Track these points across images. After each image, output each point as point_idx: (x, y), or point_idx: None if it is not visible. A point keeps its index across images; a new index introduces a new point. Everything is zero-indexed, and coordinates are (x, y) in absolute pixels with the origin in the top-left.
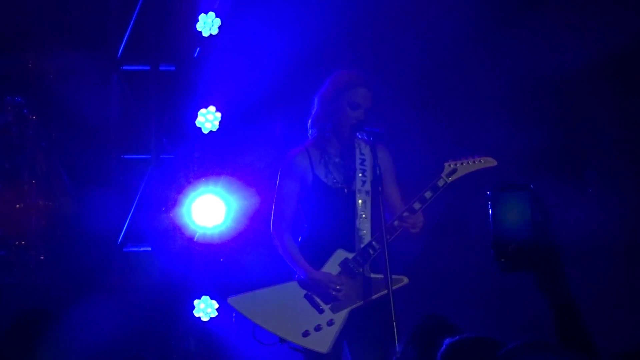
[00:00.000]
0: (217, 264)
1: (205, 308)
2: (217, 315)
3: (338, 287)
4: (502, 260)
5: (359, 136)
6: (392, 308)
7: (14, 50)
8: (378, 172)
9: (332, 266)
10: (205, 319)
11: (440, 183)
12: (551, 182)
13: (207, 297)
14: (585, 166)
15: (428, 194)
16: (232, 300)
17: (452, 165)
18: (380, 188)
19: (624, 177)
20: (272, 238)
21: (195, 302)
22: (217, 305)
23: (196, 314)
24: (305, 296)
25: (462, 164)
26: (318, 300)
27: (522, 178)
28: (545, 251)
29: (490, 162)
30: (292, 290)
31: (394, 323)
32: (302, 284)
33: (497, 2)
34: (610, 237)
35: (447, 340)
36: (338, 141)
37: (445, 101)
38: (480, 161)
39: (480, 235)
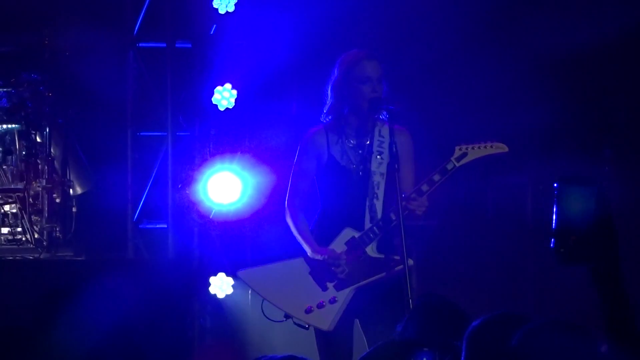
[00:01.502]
0: (233, 241)
1: (221, 285)
2: (232, 292)
3: (338, 263)
4: (562, 250)
5: (381, 117)
6: (408, 285)
7: (30, 27)
8: (395, 149)
9: (338, 244)
10: (221, 295)
11: (449, 166)
12: (568, 160)
13: (223, 274)
14: (602, 144)
15: (437, 177)
16: (241, 274)
17: (462, 149)
18: (397, 166)
19: None
20: (284, 213)
21: (211, 279)
22: (232, 282)
23: (212, 291)
24: (310, 273)
25: (472, 148)
26: (322, 277)
27: (539, 155)
28: (605, 246)
29: (502, 147)
30: (298, 267)
31: (410, 300)
32: (307, 261)
33: None
34: (626, 215)
35: (475, 322)
36: (359, 121)
37: (461, 80)
38: (491, 146)
39: (496, 214)
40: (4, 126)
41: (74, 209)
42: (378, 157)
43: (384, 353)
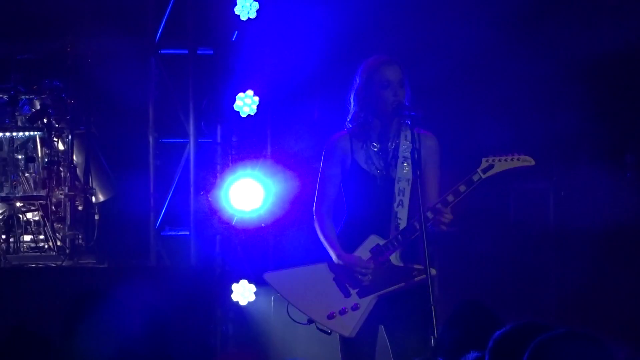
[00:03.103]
0: (255, 248)
1: (243, 292)
2: (255, 299)
3: (364, 271)
4: None
5: (408, 122)
6: (431, 293)
7: (52, 35)
8: (416, 156)
9: (363, 251)
10: (243, 302)
11: (475, 178)
12: (590, 165)
13: (245, 281)
14: (624, 150)
15: (462, 188)
16: (267, 276)
17: (489, 161)
18: (418, 172)
19: None
20: (312, 219)
21: (234, 286)
22: (255, 289)
23: (234, 298)
24: (334, 279)
25: (499, 160)
26: (345, 283)
27: (561, 161)
28: None
29: (528, 161)
30: (323, 272)
31: (433, 307)
32: (332, 267)
33: None
34: None
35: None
36: (382, 127)
37: (484, 88)
38: (517, 159)
39: (518, 220)
40: (26, 133)
41: (96, 217)
42: (404, 163)
43: None
